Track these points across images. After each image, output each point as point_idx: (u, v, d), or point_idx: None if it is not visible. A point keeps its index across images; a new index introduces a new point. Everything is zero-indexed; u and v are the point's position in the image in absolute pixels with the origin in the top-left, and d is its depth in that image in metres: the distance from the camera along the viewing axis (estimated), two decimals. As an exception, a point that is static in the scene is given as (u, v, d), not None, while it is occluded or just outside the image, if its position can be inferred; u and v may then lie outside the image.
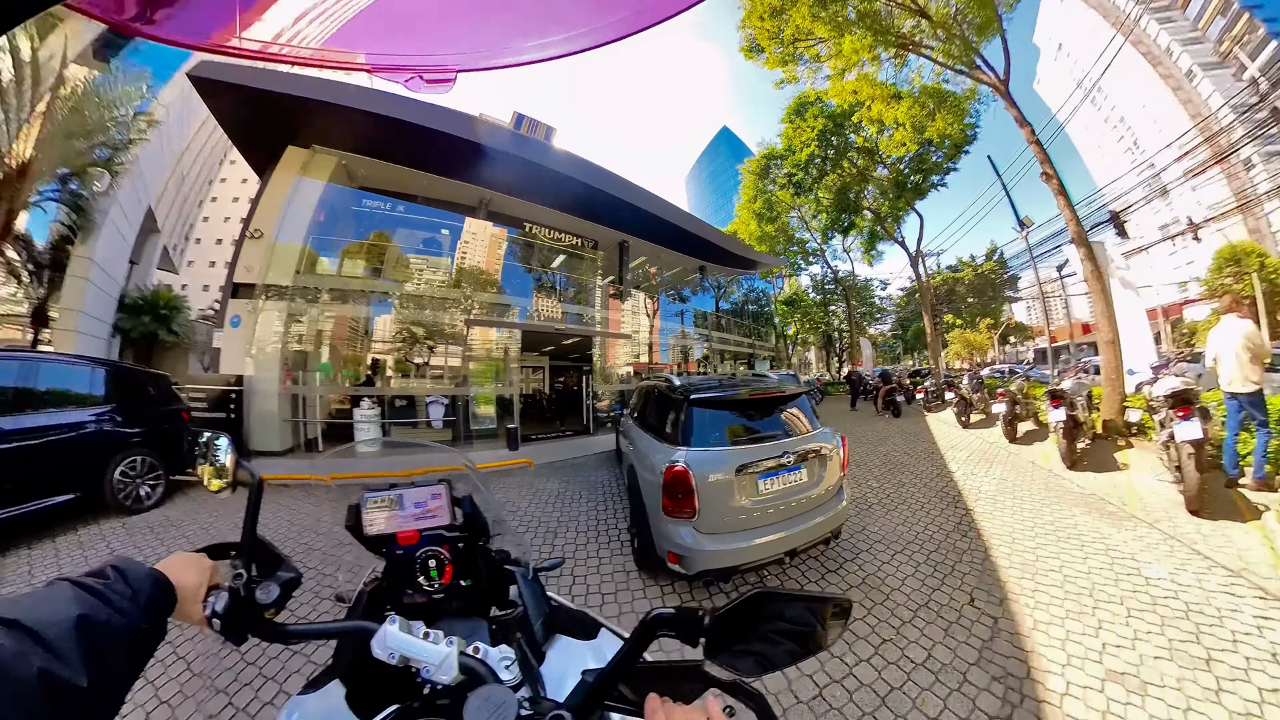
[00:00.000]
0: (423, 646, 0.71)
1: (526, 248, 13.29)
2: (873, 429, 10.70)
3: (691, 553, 2.94)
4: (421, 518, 1.06)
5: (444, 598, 1.00)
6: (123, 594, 0.56)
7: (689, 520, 2.99)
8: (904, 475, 6.14)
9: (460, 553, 1.03)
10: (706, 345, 19.80)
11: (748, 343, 23.18)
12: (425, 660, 0.70)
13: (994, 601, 2.99)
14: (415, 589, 1.01)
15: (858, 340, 28.40)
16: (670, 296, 18.48)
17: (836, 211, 22.43)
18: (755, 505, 3.08)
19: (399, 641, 0.72)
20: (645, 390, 4.84)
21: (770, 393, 3.67)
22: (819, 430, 3.64)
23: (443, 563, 1.01)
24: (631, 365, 15.39)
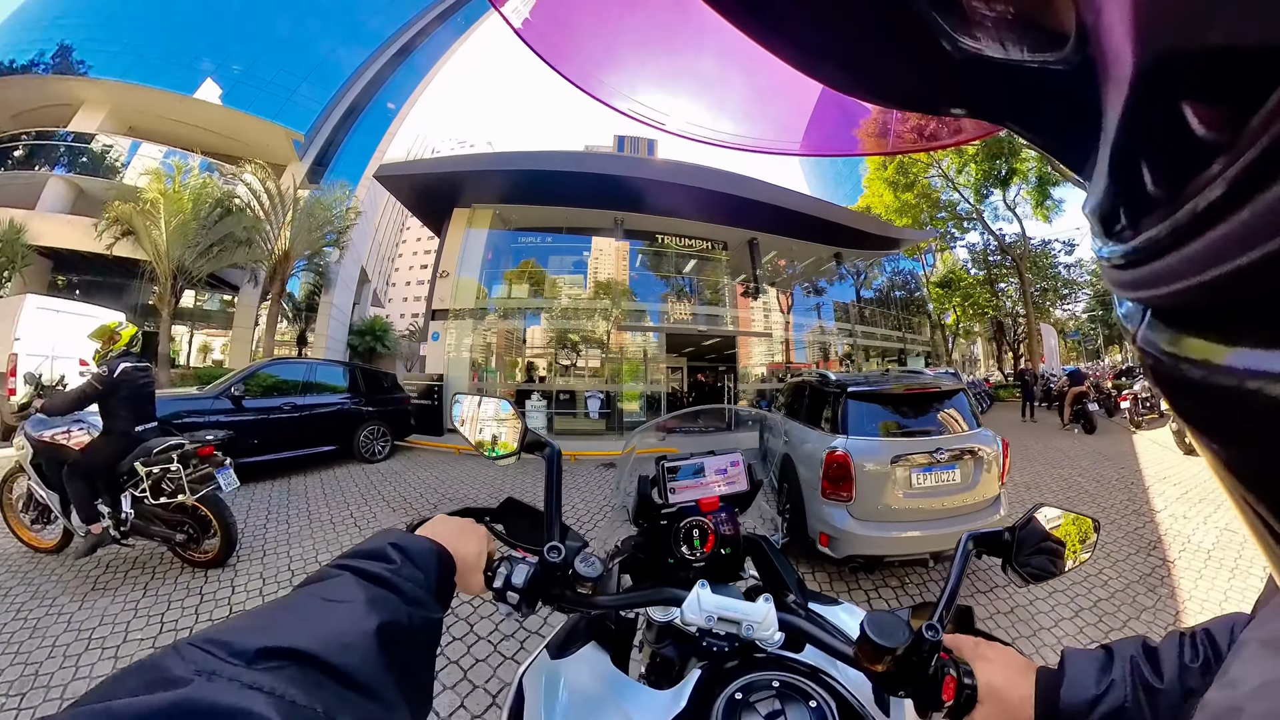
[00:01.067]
0: (745, 605, 0.73)
1: (658, 257, 13.99)
2: (1053, 446, 8.72)
3: (844, 535, 3.13)
4: (723, 484, 1.09)
5: (703, 567, 0.99)
6: (414, 580, 0.48)
7: (845, 503, 3.17)
8: (1086, 505, 5.09)
9: (723, 522, 1.03)
10: (849, 341, 18.07)
11: (896, 336, 20.44)
12: (749, 618, 0.72)
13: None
14: (676, 558, 0.99)
15: (1035, 327, 22.30)
16: (805, 290, 17.47)
17: (987, 159, 18.29)
18: (906, 498, 3.18)
19: (716, 603, 0.73)
20: (797, 385, 4.99)
21: (925, 388, 3.70)
22: (977, 431, 3.52)
23: (705, 531, 1.00)
24: (766, 366, 15.04)
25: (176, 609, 3.03)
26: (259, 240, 15.82)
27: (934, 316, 26.32)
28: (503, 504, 0.88)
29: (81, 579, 3.37)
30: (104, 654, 2.58)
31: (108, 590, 3.23)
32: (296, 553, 3.99)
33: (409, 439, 8.81)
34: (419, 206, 14.58)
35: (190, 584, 3.33)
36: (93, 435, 3.36)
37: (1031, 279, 24.67)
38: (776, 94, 0.58)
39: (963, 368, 37.64)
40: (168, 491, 3.29)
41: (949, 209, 22.82)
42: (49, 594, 3.16)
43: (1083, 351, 44.56)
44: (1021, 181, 19.68)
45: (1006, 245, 23.99)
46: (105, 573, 3.47)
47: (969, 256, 28.12)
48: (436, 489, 6.17)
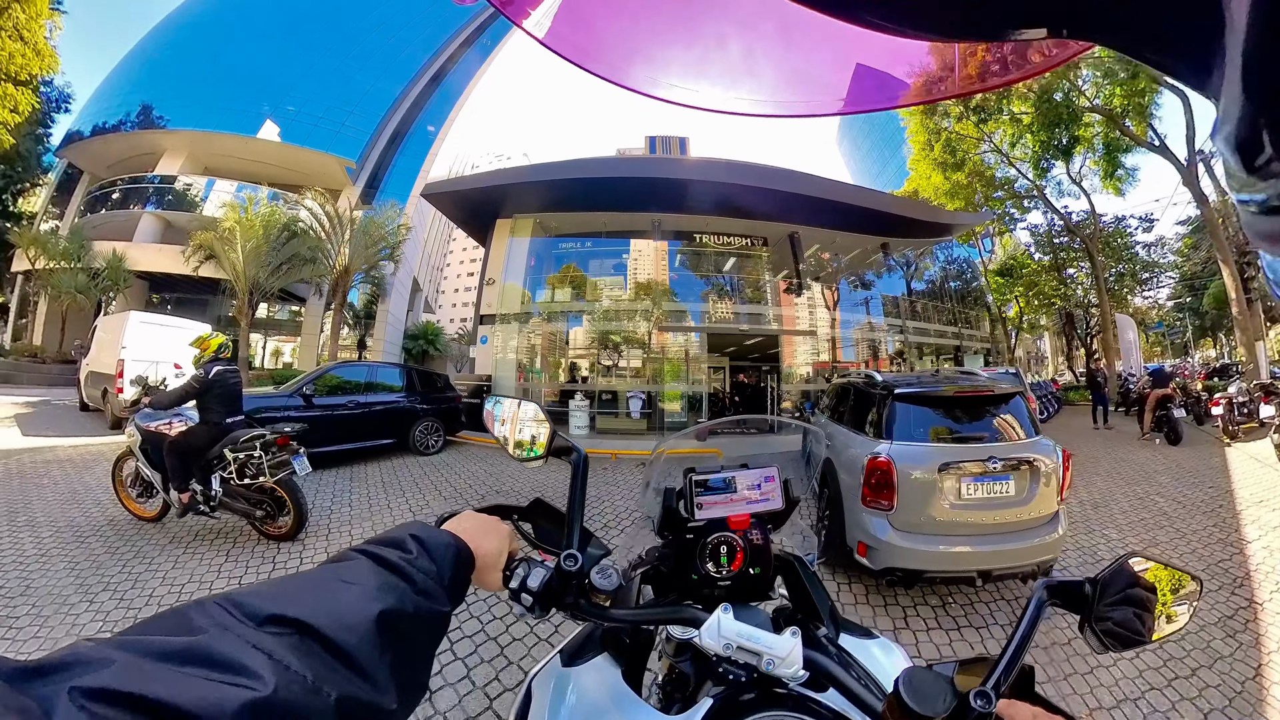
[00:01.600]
0: (768, 637, 0.68)
1: (697, 256, 13.90)
2: (1128, 458, 7.61)
3: (882, 546, 2.94)
4: (754, 501, 0.99)
5: (730, 585, 0.93)
6: (427, 571, 0.49)
7: (886, 512, 2.99)
8: (1164, 531, 4.52)
9: (754, 541, 0.96)
10: (900, 338, 16.70)
11: (952, 332, 18.71)
12: (771, 652, 0.67)
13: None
14: (701, 574, 0.93)
15: (1110, 318, 18.87)
16: (851, 284, 16.57)
17: (1045, 127, 15.62)
18: (953, 510, 2.95)
19: (738, 631, 0.68)
20: (841, 387, 4.77)
21: (979, 390, 3.44)
22: (1035, 439, 3.24)
23: (734, 549, 0.94)
24: (812, 365, 14.39)
25: (252, 573, 3.49)
26: (322, 258, 17.25)
27: (994, 309, 23.55)
28: (532, 503, 0.86)
29: (175, 544, 3.94)
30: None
31: (196, 554, 3.77)
32: (358, 531, 4.33)
33: (459, 434, 9.37)
34: (464, 220, 15.57)
35: (265, 554, 3.81)
36: (189, 425, 3.95)
37: (1104, 262, 20.92)
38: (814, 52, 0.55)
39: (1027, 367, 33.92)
40: (250, 474, 3.78)
41: (1006, 187, 19.53)
42: (148, 554, 3.74)
43: (1167, 346, 40.10)
44: (1087, 150, 16.83)
45: (1073, 225, 20.39)
46: (195, 540, 4.02)
47: (1031, 240, 24.49)
48: (483, 480, 6.53)
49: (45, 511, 4.55)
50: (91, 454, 6.96)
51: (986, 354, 20.05)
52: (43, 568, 3.44)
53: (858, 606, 3.14)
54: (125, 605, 3.04)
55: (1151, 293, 29.35)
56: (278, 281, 16.80)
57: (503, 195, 12.98)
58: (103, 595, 3.14)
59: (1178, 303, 33.89)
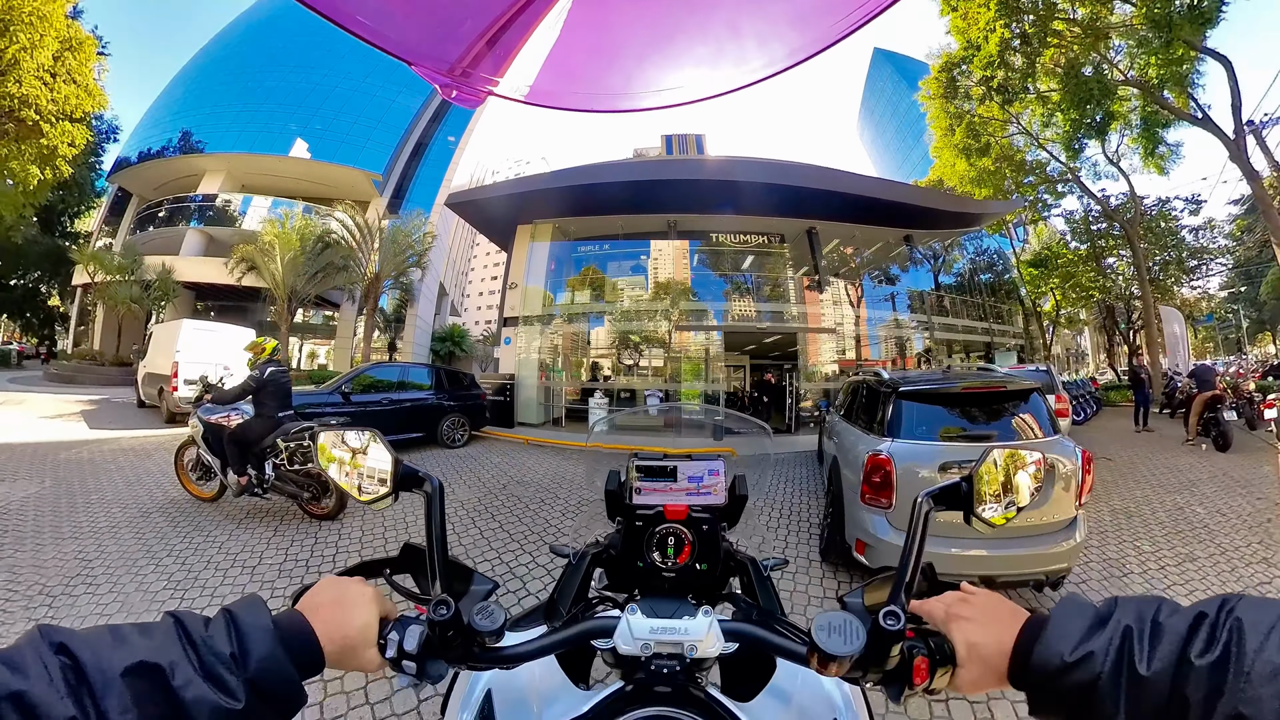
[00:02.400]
0: (682, 623, 0.67)
1: (714, 256, 13.90)
2: (1168, 464, 7.15)
3: (880, 544, 2.93)
4: (695, 493, 0.97)
5: (674, 578, 0.92)
6: (219, 655, 0.42)
7: (884, 510, 2.97)
8: (1201, 544, 4.18)
9: (703, 535, 0.94)
10: (927, 334, 15.99)
11: (982, 328, 17.76)
12: (688, 638, 0.66)
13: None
14: (647, 564, 0.92)
15: (1154, 311, 17.36)
16: (875, 279, 16.06)
17: (1076, 104, 14.07)
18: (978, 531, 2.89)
19: (649, 627, 0.67)
20: (854, 386, 4.77)
21: (990, 387, 3.36)
22: (1052, 438, 3.09)
23: (682, 542, 0.92)
24: (837, 362, 14.06)
25: (297, 546, 3.97)
26: (353, 266, 18.09)
27: (1027, 302, 22.23)
28: (402, 551, 0.77)
29: (231, 520, 4.43)
30: (242, 569, 3.52)
31: (249, 529, 4.26)
32: (387, 515, 4.68)
33: (484, 429, 9.88)
34: (486, 227, 16.06)
35: (308, 530, 4.30)
36: (245, 418, 4.42)
37: (1147, 249, 19.17)
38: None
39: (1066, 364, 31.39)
40: (299, 461, 4.28)
41: (1037, 171, 18.02)
42: (207, 528, 4.24)
43: (1219, 341, 36.76)
44: (1123, 127, 15.45)
45: (1112, 209, 18.66)
46: (248, 517, 4.52)
47: (1067, 227, 22.37)
48: (506, 471, 6.89)
49: (114, 492, 5.13)
50: (151, 444, 7.66)
51: (1020, 350, 18.77)
52: (114, 538, 3.95)
53: None
54: (186, 569, 3.47)
55: (1201, 282, 25.70)
56: (314, 289, 17.82)
57: (523, 202, 13.34)
58: (166, 560, 3.60)
59: (1231, 293, 31.43)
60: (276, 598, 3.16)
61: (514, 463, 7.51)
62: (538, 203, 13.29)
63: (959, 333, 17.12)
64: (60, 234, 28.94)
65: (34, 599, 3.00)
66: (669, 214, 13.24)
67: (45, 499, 4.86)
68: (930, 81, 17.33)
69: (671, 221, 13.48)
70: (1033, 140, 17.52)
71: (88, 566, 3.44)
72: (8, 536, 3.88)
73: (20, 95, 13.04)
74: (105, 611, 2.91)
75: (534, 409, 12.30)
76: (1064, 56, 13.65)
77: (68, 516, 4.41)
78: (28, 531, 4.02)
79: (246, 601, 0.48)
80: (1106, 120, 15.09)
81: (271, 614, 0.48)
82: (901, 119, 67.67)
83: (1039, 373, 8.08)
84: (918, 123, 36.44)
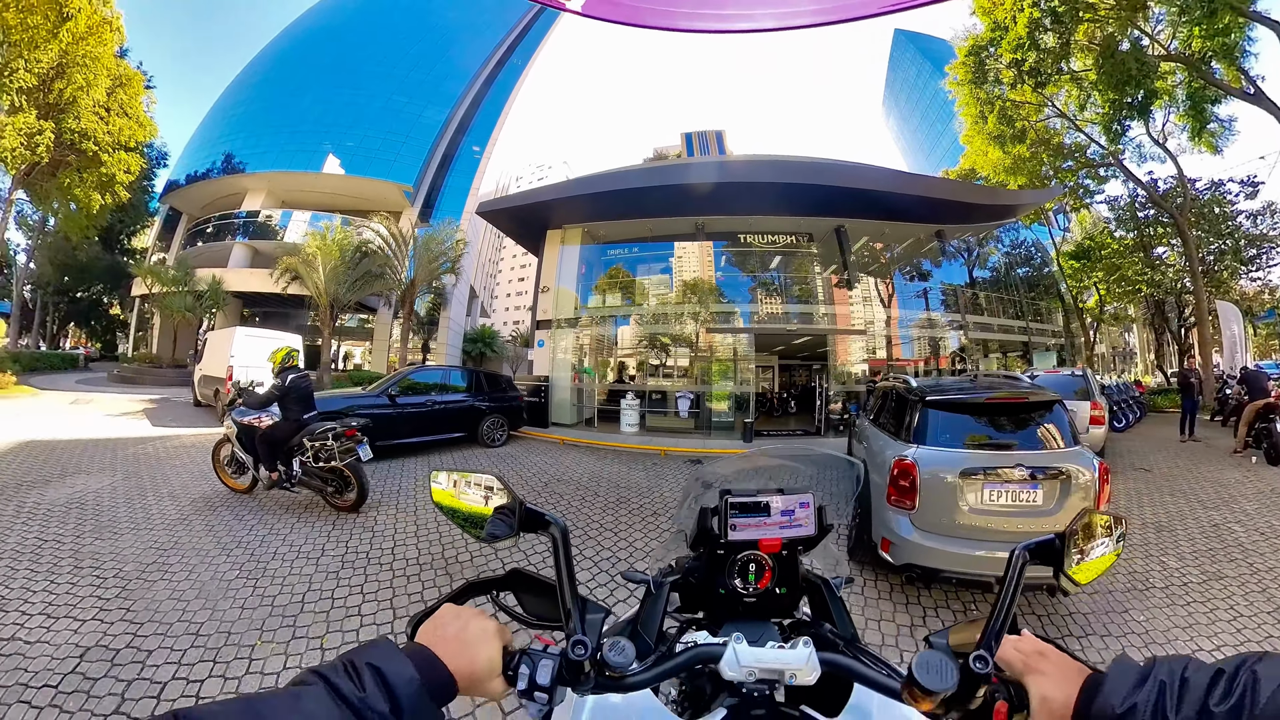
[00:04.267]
0: (785, 654, 0.69)
1: (741, 256, 13.89)
2: (1212, 478, 6.64)
3: (904, 543, 3.10)
4: (787, 526, 1.00)
5: (755, 603, 0.95)
6: (379, 712, 0.45)
7: (908, 511, 3.16)
8: (1233, 564, 3.94)
9: (783, 560, 0.97)
10: (961, 333, 15.28)
11: (1019, 326, 16.74)
12: (789, 667, 0.68)
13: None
14: (728, 589, 0.95)
15: (1207, 306, 15.93)
16: (907, 275, 15.54)
17: (1114, 84, 13.01)
18: (975, 514, 3.05)
19: (756, 657, 0.69)
20: (883, 391, 4.91)
21: (1014, 398, 3.56)
22: (1071, 449, 3.25)
23: (763, 568, 0.96)
24: (867, 362, 13.75)
25: (320, 534, 4.29)
26: (389, 273, 18.87)
27: (1068, 298, 20.69)
28: (509, 574, 0.83)
29: (263, 510, 4.84)
30: (307, 560, 3.76)
31: (278, 517, 4.66)
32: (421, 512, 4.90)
33: (521, 429, 10.26)
34: (516, 232, 16.60)
35: (332, 519, 4.66)
36: (274, 420, 4.87)
37: (1199, 238, 17.37)
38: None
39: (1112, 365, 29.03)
40: (324, 458, 4.68)
41: (1077, 155, 16.88)
42: (243, 515, 4.68)
43: None
44: (1168, 104, 14.31)
45: (1159, 194, 17.16)
46: (278, 508, 4.91)
47: (1111, 214, 20.70)
48: (546, 470, 7.16)
49: (180, 485, 5.52)
50: (209, 441, 8.09)
51: (1060, 351, 17.50)
52: (186, 529, 4.27)
53: (879, 602, 3.28)
54: (255, 559, 3.69)
55: (1261, 274, 22.27)
56: (353, 295, 18.66)
57: (550, 208, 13.68)
58: (236, 550, 3.83)
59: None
60: (342, 586, 3.30)
61: (553, 462, 7.78)
62: (565, 208, 13.59)
63: (995, 332, 16.31)
64: (119, 251, 31.87)
65: (107, 584, 3.20)
66: (696, 216, 13.31)
67: (118, 491, 5.20)
68: (957, 66, 16.43)
69: (699, 224, 13.55)
70: (1070, 123, 16.24)
71: (163, 555, 3.67)
72: (87, 526, 4.18)
73: (80, 130, 14.52)
74: (183, 598, 3.06)
75: (567, 410, 12.56)
76: (1099, 32, 12.88)
77: (140, 508, 4.72)
78: (105, 522, 4.31)
79: (384, 649, 0.50)
80: (1148, 99, 13.90)
81: (406, 654, 0.51)
82: (928, 104, 64.87)
83: (1075, 378, 7.75)
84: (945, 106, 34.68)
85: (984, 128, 16.59)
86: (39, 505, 4.65)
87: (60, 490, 5.14)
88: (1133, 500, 5.59)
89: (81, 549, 3.75)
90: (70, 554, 3.65)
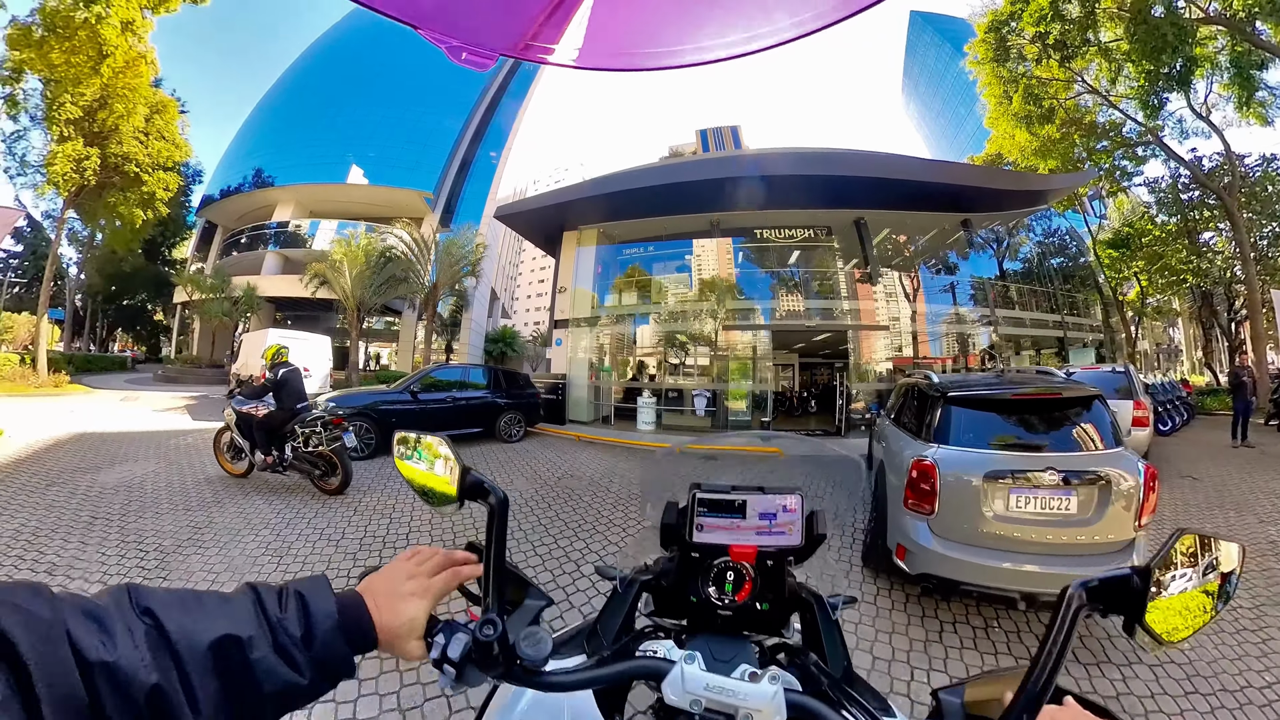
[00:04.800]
0: (744, 688, 0.59)
1: (758, 253, 13.70)
2: (1269, 488, 6.19)
3: (920, 551, 2.87)
4: (766, 532, 0.84)
5: (733, 616, 0.82)
6: (291, 635, 0.46)
7: (926, 516, 2.91)
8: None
9: (768, 572, 0.83)
10: (991, 329, 14.41)
11: (1053, 320, 15.76)
12: (746, 705, 0.58)
13: None
14: (701, 599, 0.83)
15: (1261, 296, 14.57)
16: (933, 268, 14.89)
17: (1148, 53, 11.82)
18: (998, 521, 2.74)
19: (705, 683, 0.60)
20: (905, 389, 4.64)
21: (1046, 394, 3.19)
22: (1112, 451, 2.86)
23: (743, 579, 0.82)
24: (892, 360, 13.19)
25: (308, 510, 4.70)
26: (413, 277, 19.51)
27: (1107, 290, 19.15)
28: (465, 548, 0.74)
29: (257, 491, 5.28)
30: (329, 542, 4.02)
31: (270, 497, 5.06)
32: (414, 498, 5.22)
33: (539, 426, 10.47)
34: (534, 235, 16.87)
35: (319, 499, 5.06)
36: (270, 409, 5.30)
37: (1251, 220, 15.73)
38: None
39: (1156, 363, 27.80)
40: (313, 444, 5.08)
41: (1112, 134, 15.46)
42: (297, 505, 4.92)
43: None
44: (1210, 72, 12.93)
45: (1205, 173, 15.45)
46: (269, 490, 5.33)
47: (1152, 197, 18.70)
48: (559, 465, 7.26)
49: (216, 472, 5.93)
50: None
51: (1099, 348, 16.44)
52: (220, 510, 4.67)
53: (893, 613, 3.02)
54: (281, 539, 4.01)
55: None
56: (379, 298, 19.36)
57: (566, 210, 13.81)
58: (263, 531, 4.18)
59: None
60: (358, 566, 3.57)
61: (566, 458, 7.88)
62: (580, 210, 13.70)
63: (1027, 327, 15.39)
64: (161, 262, 34.10)
65: (148, 556, 3.56)
66: (710, 212, 13.17)
67: (160, 476, 5.67)
68: (977, 44, 15.44)
69: (714, 220, 13.41)
70: (1102, 99, 14.82)
71: (198, 533, 4.04)
72: (133, 506, 4.62)
73: (122, 154, 15.95)
74: (213, 570, 3.39)
75: (584, 407, 12.66)
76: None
77: (179, 491, 5.15)
78: (148, 502, 4.75)
79: (314, 583, 0.52)
80: (1187, 67, 12.59)
81: (335, 595, 0.52)
82: (949, 88, 62.04)
83: (1116, 375, 7.22)
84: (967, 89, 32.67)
85: (1009, 109, 15.56)
86: (91, 487, 5.13)
87: (110, 475, 5.67)
88: (1179, 512, 5.18)
89: (127, 525, 4.15)
90: (117, 529, 4.07)
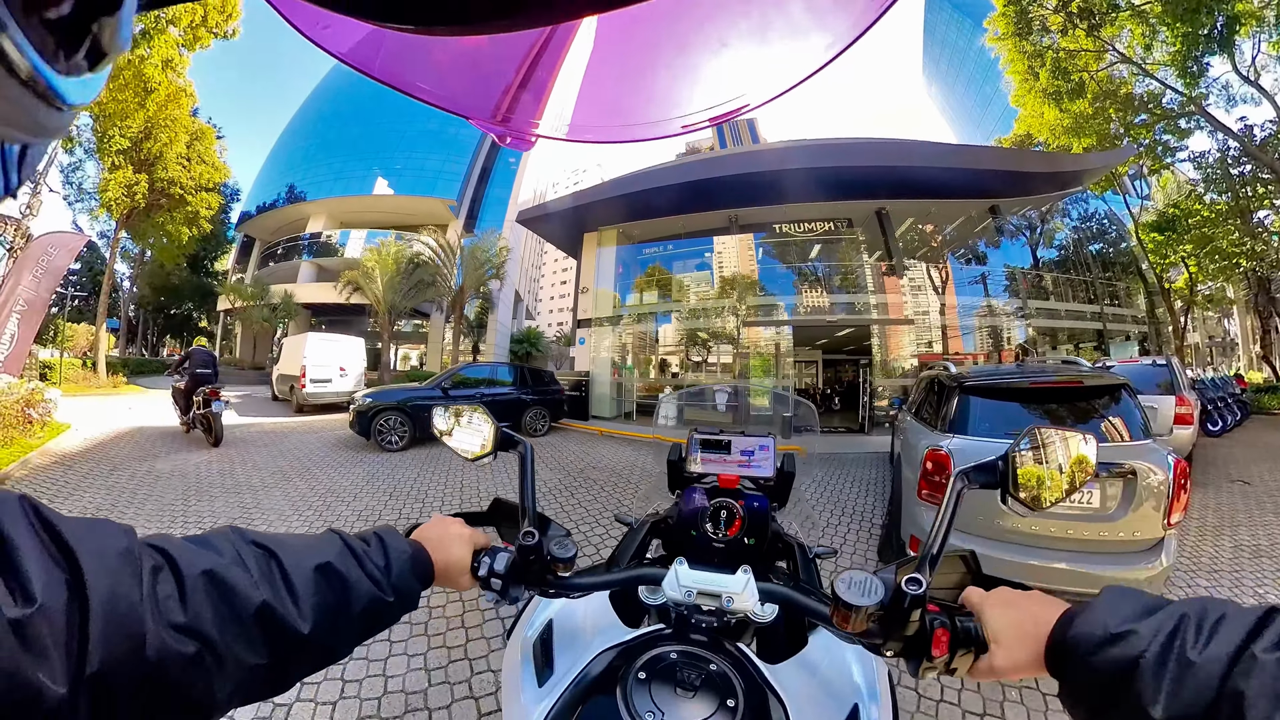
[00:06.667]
0: (722, 577, 0.72)
1: (779, 247, 13.57)
2: None
3: None
4: (746, 464, 1.06)
5: (724, 549, 0.99)
6: (377, 563, 0.56)
7: None
8: None
9: (753, 511, 1.01)
10: (1026, 322, 13.70)
11: (1092, 312, 14.81)
12: (726, 590, 0.71)
13: None
14: (699, 533, 1.01)
15: None
16: (962, 258, 14.20)
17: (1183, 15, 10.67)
18: (1018, 516, 2.59)
19: (694, 578, 0.72)
20: (926, 381, 4.62)
21: (1063, 383, 3.10)
22: (1139, 443, 2.73)
23: (733, 516, 1.00)
24: (918, 357, 12.57)
25: (378, 503, 4.99)
26: (440, 281, 20.31)
27: (1150, 278, 17.84)
28: (491, 505, 0.89)
29: (355, 484, 5.62)
30: (366, 522, 4.40)
31: (369, 493, 5.32)
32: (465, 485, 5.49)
33: (562, 421, 10.83)
34: (555, 237, 17.13)
35: (387, 495, 5.31)
36: (184, 382, 7.30)
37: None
38: None
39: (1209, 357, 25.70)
40: (201, 409, 6.90)
41: (1150, 106, 13.97)
42: (338, 490, 5.32)
43: None
44: (1257, 30, 11.55)
45: (1256, 145, 13.65)
46: (366, 481, 5.75)
47: (1199, 173, 16.49)
48: (582, 457, 7.54)
49: (263, 461, 6.57)
50: (286, 429, 9.49)
51: (1143, 340, 15.42)
52: (267, 494, 5.12)
53: None
54: (324, 520, 4.44)
55: None
56: (408, 303, 20.24)
57: (585, 212, 13.96)
58: (307, 512, 4.61)
59: None
60: None
61: (590, 451, 8.13)
62: (600, 211, 13.80)
63: (1063, 319, 14.39)
64: (205, 274, 36.80)
65: None
66: (729, 209, 13.13)
67: (212, 464, 6.21)
68: (996, 19, 14.26)
69: (733, 216, 13.37)
70: (1137, 68, 13.37)
71: (246, 513, 4.45)
72: (190, 491, 5.07)
73: (168, 178, 17.92)
74: None
75: (607, 404, 12.88)
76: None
77: (229, 477, 5.65)
78: (202, 487, 5.22)
79: (389, 530, 0.63)
80: (1230, 26, 11.15)
81: (403, 537, 0.63)
82: (972, 67, 58.19)
83: (1157, 368, 6.69)
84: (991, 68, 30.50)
85: (1036, 85, 14.20)
86: (149, 474, 5.68)
87: (165, 463, 6.24)
88: (1226, 519, 4.82)
89: (188, 508, 4.62)
90: (169, 511, 4.51)
